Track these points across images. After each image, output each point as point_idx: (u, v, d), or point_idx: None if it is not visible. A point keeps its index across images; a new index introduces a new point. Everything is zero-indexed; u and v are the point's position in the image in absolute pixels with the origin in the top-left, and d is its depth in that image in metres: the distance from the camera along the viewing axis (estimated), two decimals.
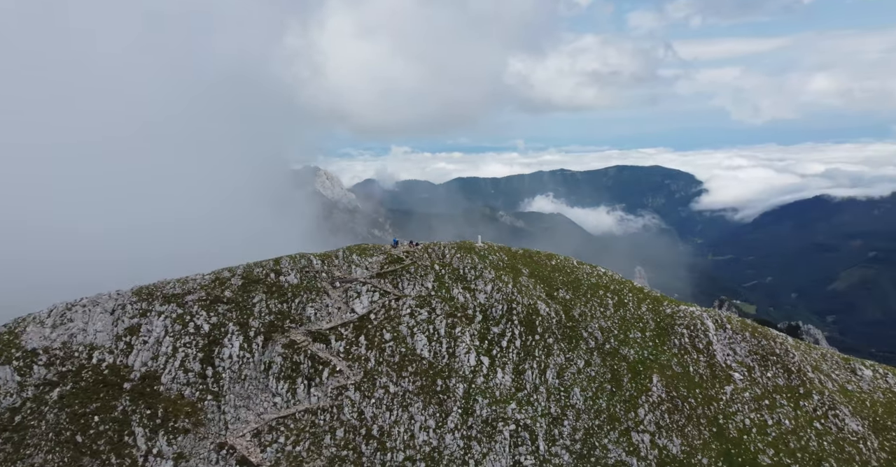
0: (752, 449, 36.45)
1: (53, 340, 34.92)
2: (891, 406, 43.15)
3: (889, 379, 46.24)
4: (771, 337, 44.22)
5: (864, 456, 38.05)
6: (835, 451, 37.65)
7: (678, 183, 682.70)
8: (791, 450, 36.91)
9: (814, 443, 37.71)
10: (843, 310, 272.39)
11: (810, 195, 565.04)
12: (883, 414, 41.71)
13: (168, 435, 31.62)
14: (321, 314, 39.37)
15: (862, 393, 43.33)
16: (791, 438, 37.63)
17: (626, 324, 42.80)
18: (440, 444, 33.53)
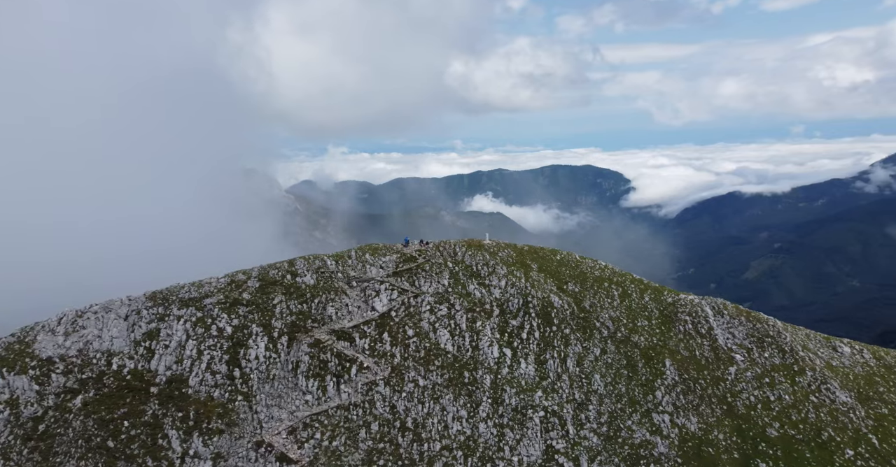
0: (760, 424, 39.26)
1: (68, 348, 34.14)
2: (869, 378, 47.27)
3: (865, 355, 50.61)
4: (763, 320, 47.80)
5: (854, 424, 41.57)
6: (831, 421, 40.98)
7: (609, 181, 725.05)
8: (794, 422, 39.97)
9: (812, 415, 40.95)
10: (756, 297, 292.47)
11: (724, 192, 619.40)
12: (864, 386, 45.67)
13: (203, 436, 31.40)
14: (342, 313, 39.93)
15: (845, 368, 47.30)
16: (792, 412, 40.75)
17: (632, 314, 45.31)
18: (474, 433, 34.56)
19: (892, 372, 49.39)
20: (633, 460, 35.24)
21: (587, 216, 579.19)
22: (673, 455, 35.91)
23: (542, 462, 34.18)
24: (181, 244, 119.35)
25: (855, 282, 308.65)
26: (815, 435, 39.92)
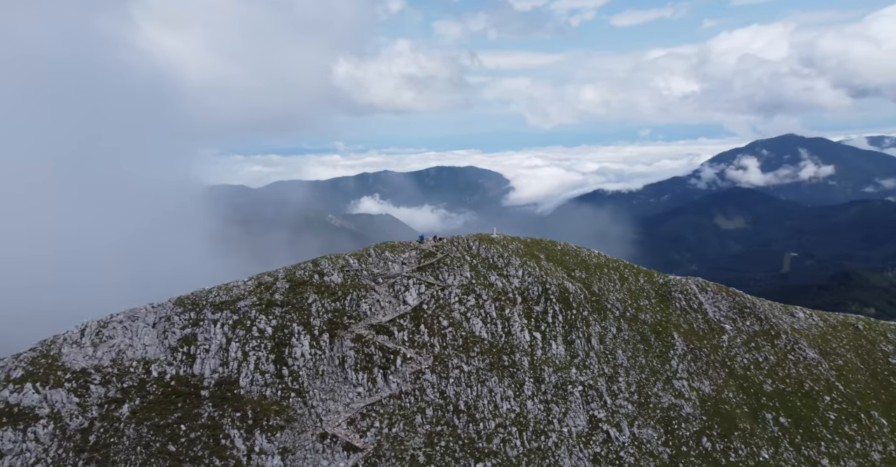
0: (757, 381, 44.67)
1: (100, 359, 32.79)
2: (823, 337, 54.83)
3: (814, 318, 58.45)
4: (739, 294, 54.25)
5: (823, 375, 48.32)
6: (807, 375, 47.37)
7: (490, 182, 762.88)
8: (781, 378, 45.82)
9: (793, 371, 47.14)
10: None
11: (590, 190, 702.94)
12: (822, 343, 53.04)
13: (265, 433, 31.25)
14: (375, 308, 40.93)
15: (804, 330, 54.55)
16: (778, 369, 46.65)
17: (634, 295, 49.82)
18: (523, 410, 36.65)
19: (837, 331, 57.38)
20: (665, 421, 38.83)
21: (473, 215, 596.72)
22: (698, 414, 39.98)
23: (588, 430, 36.82)
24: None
25: (693, 266, 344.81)
26: (799, 386, 45.91)
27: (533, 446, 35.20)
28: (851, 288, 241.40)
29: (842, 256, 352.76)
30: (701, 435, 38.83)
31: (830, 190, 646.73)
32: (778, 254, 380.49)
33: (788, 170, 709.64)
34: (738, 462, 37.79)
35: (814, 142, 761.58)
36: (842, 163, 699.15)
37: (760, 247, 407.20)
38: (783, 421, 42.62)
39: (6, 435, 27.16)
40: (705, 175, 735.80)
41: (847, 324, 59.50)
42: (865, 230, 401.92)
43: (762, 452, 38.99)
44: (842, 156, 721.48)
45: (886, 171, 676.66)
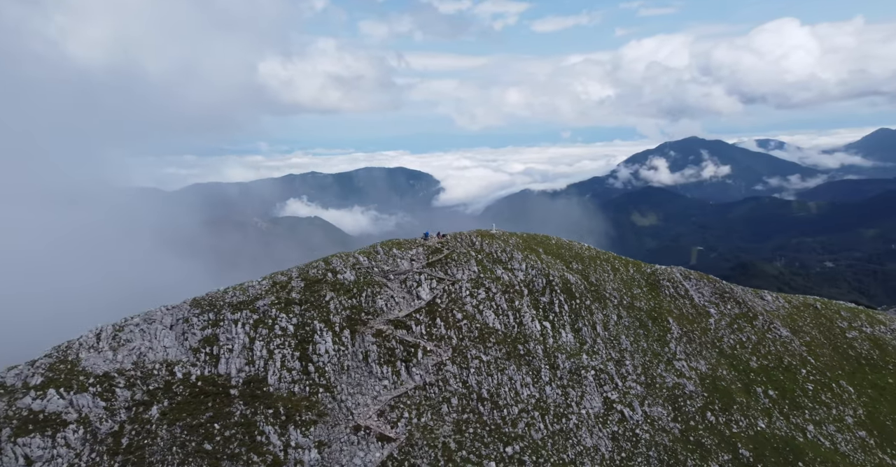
0: (744, 359, 47.34)
1: (122, 362, 31.52)
2: (791, 317, 58.66)
3: (780, 301, 62.46)
4: (717, 281, 57.40)
5: (797, 350, 51.74)
6: (784, 351, 50.56)
7: (421, 183, 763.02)
8: (763, 354, 48.75)
9: (772, 348, 50.24)
10: None
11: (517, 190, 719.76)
12: (791, 323, 56.75)
13: (299, 428, 30.73)
14: (391, 304, 40.93)
15: (774, 311, 58.12)
16: (760, 347, 49.61)
17: (626, 284, 51.80)
18: (542, 395, 37.45)
19: (800, 311, 61.49)
20: (672, 399, 40.51)
21: (405, 216, 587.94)
22: (699, 391, 41.92)
23: (604, 411, 37.96)
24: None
25: None
26: (780, 362, 48.94)
27: (556, 428, 35.97)
28: (749, 277, 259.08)
29: (739, 249, 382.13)
30: (705, 410, 40.73)
31: (728, 188, 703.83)
32: (686, 248, 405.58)
33: (693, 170, 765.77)
34: (739, 432, 39.83)
35: (713, 145, 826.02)
36: (736, 163, 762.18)
37: (671, 242, 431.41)
38: (771, 393, 45.28)
39: (34, 441, 25.60)
40: (621, 175, 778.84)
41: (807, 305, 63.74)
42: (757, 224, 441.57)
43: (758, 422, 41.26)
44: (736, 157, 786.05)
45: (772, 171, 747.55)
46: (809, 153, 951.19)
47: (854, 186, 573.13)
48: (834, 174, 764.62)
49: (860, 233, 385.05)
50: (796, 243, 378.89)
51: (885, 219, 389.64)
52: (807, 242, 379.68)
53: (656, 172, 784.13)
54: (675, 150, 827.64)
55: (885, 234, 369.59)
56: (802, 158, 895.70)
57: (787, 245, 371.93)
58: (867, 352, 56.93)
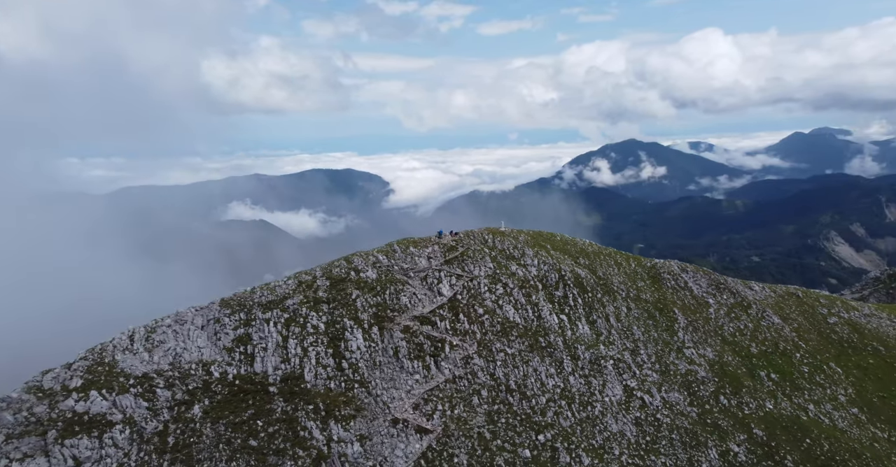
0: (744, 345, 48.68)
1: (158, 363, 30.77)
2: (778, 305, 60.57)
3: (766, 291, 64.35)
4: (711, 273, 58.97)
5: (789, 336, 53.43)
6: (778, 337, 52.18)
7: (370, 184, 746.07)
8: (761, 341, 50.21)
9: (767, 334, 51.83)
10: None
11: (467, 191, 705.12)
12: (779, 311, 58.57)
13: (340, 422, 30.43)
14: (414, 301, 40.85)
15: (763, 300, 59.91)
16: (757, 334, 51.09)
17: (631, 277, 52.77)
18: (566, 385, 37.81)
19: (785, 300, 63.50)
20: (686, 385, 41.33)
21: (354, 219, 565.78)
22: (710, 376, 42.89)
23: (625, 398, 38.50)
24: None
25: None
26: (776, 347, 50.47)
27: (582, 416, 36.31)
28: None
29: (676, 245, 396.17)
30: (717, 394, 41.66)
31: (664, 188, 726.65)
32: (628, 246, 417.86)
33: (632, 171, 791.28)
34: (750, 413, 40.85)
35: (650, 147, 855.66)
36: (671, 164, 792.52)
37: (614, 240, 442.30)
38: (773, 376, 46.60)
39: (81, 443, 24.73)
40: (567, 176, 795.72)
41: (790, 294, 65.83)
42: (691, 222, 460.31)
43: (766, 404, 42.39)
44: (671, 158, 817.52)
45: (703, 171, 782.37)
46: (735, 155, 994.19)
47: (774, 186, 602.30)
48: (757, 174, 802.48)
49: (780, 229, 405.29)
50: (726, 240, 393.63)
51: (801, 216, 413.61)
52: (735, 239, 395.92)
53: (599, 173, 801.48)
54: (616, 152, 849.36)
55: (802, 230, 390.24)
56: (729, 160, 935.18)
57: (719, 241, 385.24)
58: (848, 336, 59.03)
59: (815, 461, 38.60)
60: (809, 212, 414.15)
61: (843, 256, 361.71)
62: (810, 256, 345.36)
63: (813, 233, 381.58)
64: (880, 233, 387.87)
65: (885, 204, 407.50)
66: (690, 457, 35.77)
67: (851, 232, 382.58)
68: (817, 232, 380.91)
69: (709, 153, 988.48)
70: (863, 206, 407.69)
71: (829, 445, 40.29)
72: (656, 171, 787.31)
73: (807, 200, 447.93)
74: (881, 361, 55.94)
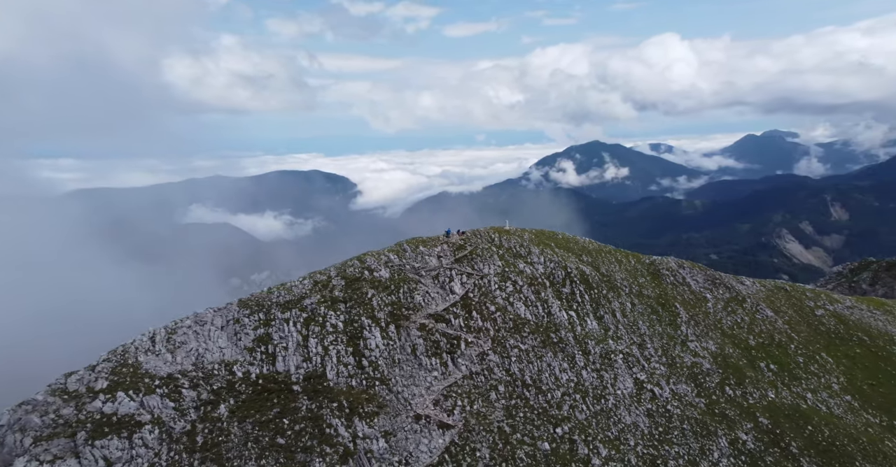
0: (742, 337, 49.53)
1: (181, 363, 30.29)
2: (769, 299, 61.70)
3: (756, 285, 65.35)
4: (706, 269, 59.90)
5: (781, 328, 54.37)
6: (773, 329, 53.24)
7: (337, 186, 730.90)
8: (758, 333, 51.14)
9: (763, 327, 52.73)
10: None
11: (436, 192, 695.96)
12: (771, 304, 59.60)
13: (364, 419, 30.22)
14: (427, 299, 40.80)
15: (755, 294, 60.91)
16: (753, 327, 51.98)
17: (632, 274, 53.35)
18: (580, 379, 38.03)
19: (774, 294, 64.69)
20: (692, 377, 41.83)
21: (321, 221, 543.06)
22: (715, 368, 43.46)
23: (636, 391, 38.82)
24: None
25: None
26: (772, 339, 51.42)
27: (596, 408, 36.51)
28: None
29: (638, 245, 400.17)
30: (723, 385, 42.23)
31: (626, 188, 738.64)
32: None
33: (596, 172, 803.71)
34: (755, 403, 41.48)
35: (613, 148, 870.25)
36: (633, 165, 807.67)
37: None
38: (773, 367, 47.41)
39: (112, 443, 24.18)
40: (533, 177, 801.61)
41: (779, 288, 67.04)
42: (652, 221, 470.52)
43: (768, 394, 43.08)
44: (633, 159, 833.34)
45: (664, 172, 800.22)
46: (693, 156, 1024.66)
47: (730, 186, 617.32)
48: (713, 175, 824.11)
49: (736, 228, 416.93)
50: (686, 238, 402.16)
51: (755, 215, 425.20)
52: (695, 237, 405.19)
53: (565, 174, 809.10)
54: (581, 153, 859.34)
55: (756, 229, 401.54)
56: (688, 161, 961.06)
57: (679, 240, 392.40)
58: (834, 327, 60.28)
59: (818, 447, 39.29)
60: (762, 212, 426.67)
61: (793, 253, 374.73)
62: (764, 254, 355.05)
63: (766, 231, 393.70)
64: (826, 230, 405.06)
65: (829, 203, 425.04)
66: (702, 446, 36.17)
67: (801, 230, 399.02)
68: (770, 230, 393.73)
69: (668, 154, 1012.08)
70: (810, 206, 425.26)
71: (829, 431, 41.07)
72: (619, 172, 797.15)
73: (760, 200, 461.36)
74: (867, 350, 57.24)
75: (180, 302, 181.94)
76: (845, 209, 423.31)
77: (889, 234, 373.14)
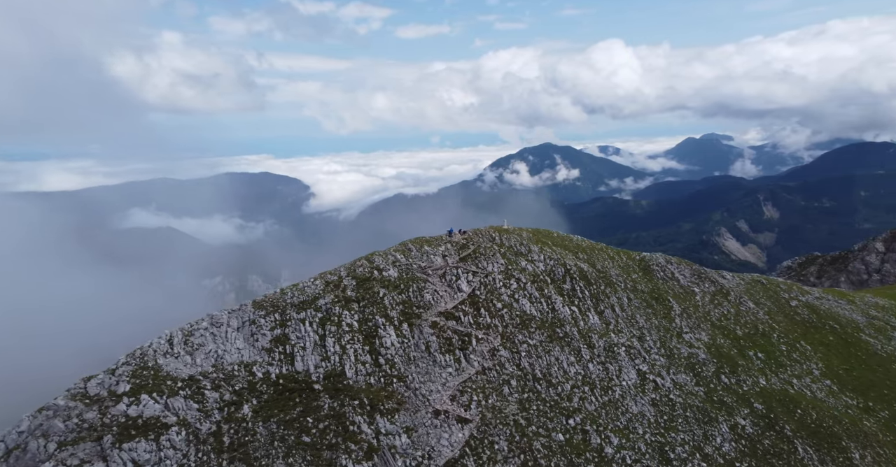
0: (731, 328, 50.82)
1: (201, 365, 29.62)
2: (749, 291, 63.40)
3: (735, 279, 66.99)
4: (691, 264, 61.31)
5: (763, 319, 56.00)
6: (756, 320, 54.81)
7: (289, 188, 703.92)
8: (743, 324, 52.56)
9: (747, 318, 54.16)
10: None
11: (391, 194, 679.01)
12: (751, 296, 61.26)
13: (385, 416, 29.94)
14: (436, 297, 40.70)
15: (736, 288, 62.59)
16: (740, 319, 53.41)
17: (625, 270, 54.26)
18: (587, 372, 38.42)
19: (752, 287, 66.44)
20: (690, 367, 42.70)
21: (273, 224, 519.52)
22: (710, 358, 44.47)
23: (640, 382, 39.42)
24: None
25: None
26: (756, 329, 52.91)
27: (604, 400, 36.92)
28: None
29: None
30: (719, 374, 43.21)
31: (578, 189, 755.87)
32: None
33: (549, 174, 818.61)
34: (749, 390, 42.57)
35: (564, 150, 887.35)
36: (584, 167, 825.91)
37: None
38: (760, 356, 48.76)
39: (140, 446, 23.38)
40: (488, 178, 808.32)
41: (755, 281, 68.93)
42: (603, 221, 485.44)
43: (760, 380, 44.28)
44: (583, 161, 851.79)
45: (612, 174, 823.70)
46: (639, 158, 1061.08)
47: (673, 187, 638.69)
48: (658, 176, 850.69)
49: (680, 226, 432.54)
50: (635, 237, 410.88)
51: (697, 214, 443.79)
52: (643, 236, 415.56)
53: (518, 176, 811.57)
54: (534, 155, 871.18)
55: (698, 227, 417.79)
56: (634, 163, 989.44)
57: (628, 239, 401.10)
58: (808, 317, 62.29)
59: (808, 428, 40.53)
60: (703, 211, 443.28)
61: (731, 250, 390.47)
62: (705, 251, 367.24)
63: (707, 229, 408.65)
64: (760, 228, 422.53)
65: (762, 202, 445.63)
66: (705, 432, 36.90)
67: (738, 228, 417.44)
68: (710, 228, 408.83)
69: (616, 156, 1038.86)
70: (745, 205, 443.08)
71: (816, 414, 42.41)
72: (570, 174, 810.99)
73: (700, 200, 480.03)
74: (838, 338, 59.32)
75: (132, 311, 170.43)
76: (776, 208, 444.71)
77: (814, 231, 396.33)
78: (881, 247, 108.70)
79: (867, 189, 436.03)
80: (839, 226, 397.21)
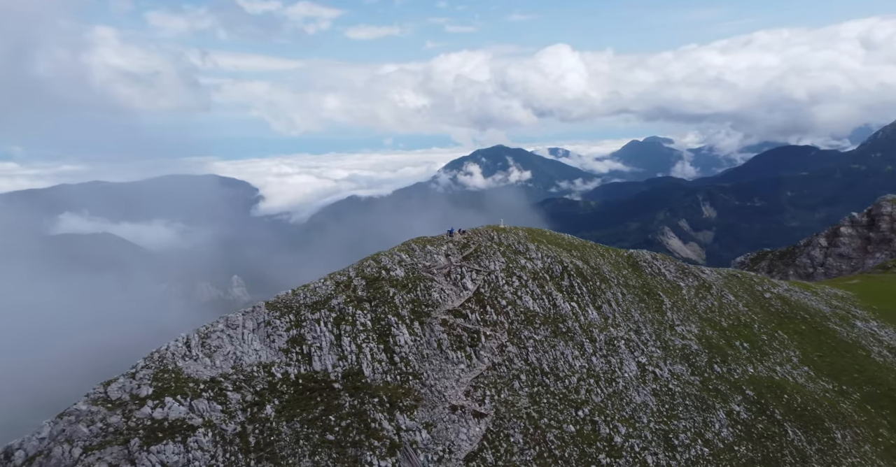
0: (716, 320, 52.33)
1: (221, 367, 29.00)
2: (728, 285, 64.98)
3: (714, 274, 68.64)
4: (675, 260, 62.82)
5: (743, 311, 57.68)
6: (738, 312, 56.44)
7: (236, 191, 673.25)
8: (727, 316, 54.15)
9: (730, 311, 55.75)
10: None
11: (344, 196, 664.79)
12: (730, 290, 62.98)
13: (404, 413, 29.78)
14: (443, 296, 40.71)
15: (715, 281, 64.30)
16: (723, 311, 55.02)
17: (616, 266, 55.30)
18: (591, 365, 38.97)
19: (729, 281, 68.01)
20: (685, 358, 43.74)
21: (221, 228, 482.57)
22: (702, 349, 45.64)
23: (640, 373, 40.17)
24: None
25: None
26: (738, 320, 54.58)
27: (609, 391, 37.47)
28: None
29: None
30: (711, 364, 44.36)
31: (530, 191, 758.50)
32: None
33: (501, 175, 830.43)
34: (739, 378, 43.83)
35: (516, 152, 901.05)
36: (535, 169, 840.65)
37: None
38: (745, 345, 50.28)
39: (168, 448, 22.68)
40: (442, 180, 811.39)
41: (731, 275, 70.82)
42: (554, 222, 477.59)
43: (748, 368, 45.66)
44: (534, 163, 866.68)
45: (562, 175, 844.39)
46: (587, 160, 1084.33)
47: (619, 188, 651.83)
48: (605, 178, 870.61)
49: (627, 226, 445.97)
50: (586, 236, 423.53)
51: (642, 214, 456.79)
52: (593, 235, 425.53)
53: (472, 177, 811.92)
54: (486, 157, 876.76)
55: (643, 227, 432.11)
56: (582, 164, 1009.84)
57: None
58: (781, 308, 64.36)
59: (795, 411, 41.96)
60: (648, 211, 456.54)
61: (674, 248, 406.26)
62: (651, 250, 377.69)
63: (652, 228, 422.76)
64: (700, 227, 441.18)
65: (701, 202, 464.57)
66: (704, 419, 37.82)
67: (680, 227, 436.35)
68: (655, 227, 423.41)
69: (566, 158, 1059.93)
70: (686, 205, 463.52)
71: (800, 398, 43.94)
72: (522, 175, 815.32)
73: (645, 200, 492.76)
74: (809, 327, 61.50)
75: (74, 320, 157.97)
76: (713, 207, 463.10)
77: (748, 230, 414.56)
78: (824, 242, 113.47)
79: (793, 189, 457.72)
80: (769, 224, 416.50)
